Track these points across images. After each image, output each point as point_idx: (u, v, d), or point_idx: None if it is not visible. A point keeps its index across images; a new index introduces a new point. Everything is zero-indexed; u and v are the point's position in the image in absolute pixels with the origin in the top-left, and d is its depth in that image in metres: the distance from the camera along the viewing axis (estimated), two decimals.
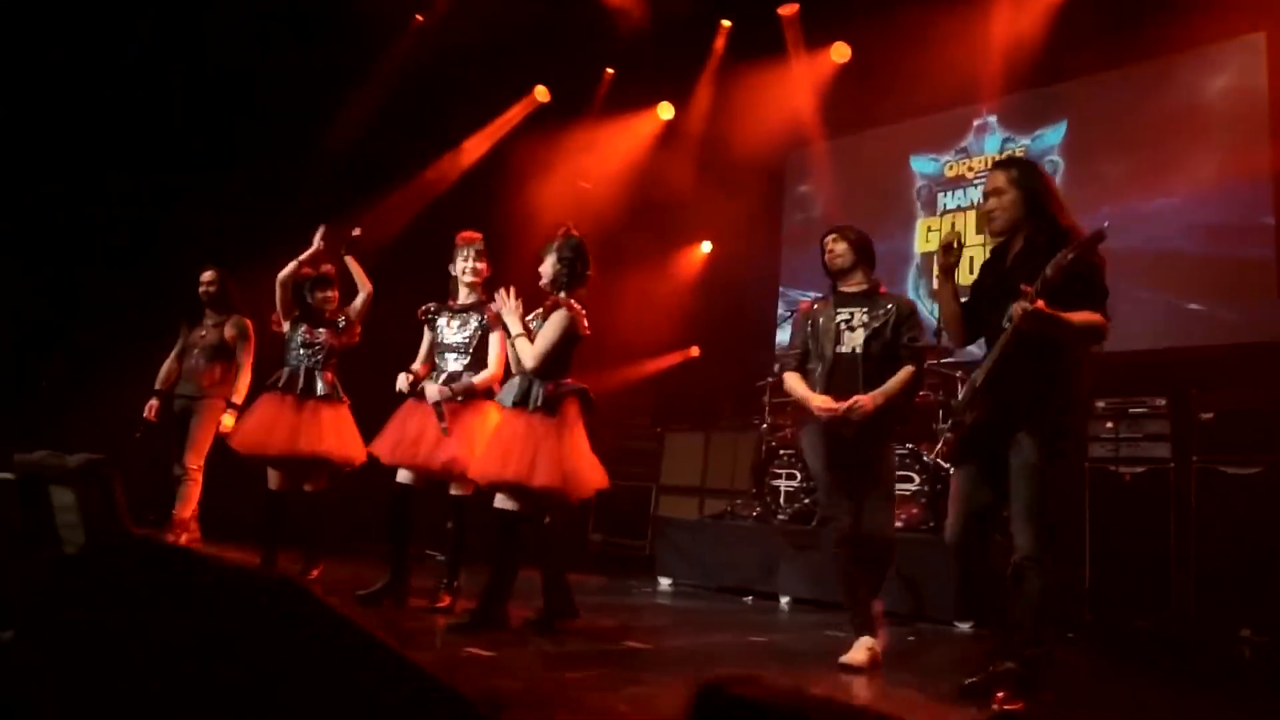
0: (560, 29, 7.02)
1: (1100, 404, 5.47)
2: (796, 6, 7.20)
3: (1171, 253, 6.14)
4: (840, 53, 7.44)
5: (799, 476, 5.93)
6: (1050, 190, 3.02)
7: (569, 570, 3.80)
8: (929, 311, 7.27)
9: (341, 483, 4.56)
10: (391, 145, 7.00)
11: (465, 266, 4.10)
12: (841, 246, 3.68)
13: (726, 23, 7.51)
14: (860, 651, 3.29)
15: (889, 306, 3.60)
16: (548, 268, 3.70)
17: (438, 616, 3.63)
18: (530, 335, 3.62)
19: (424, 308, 4.19)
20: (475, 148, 7.88)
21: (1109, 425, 5.43)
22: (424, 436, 3.86)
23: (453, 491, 3.91)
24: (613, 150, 7.96)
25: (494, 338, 3.99)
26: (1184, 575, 4.96)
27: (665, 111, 8.27)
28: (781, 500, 5.96)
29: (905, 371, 3.47)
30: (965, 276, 7.23)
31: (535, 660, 2.89)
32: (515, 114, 8.00)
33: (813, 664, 3.41)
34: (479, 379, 3.94)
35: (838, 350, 3.57)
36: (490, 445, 3.59)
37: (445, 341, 4.08)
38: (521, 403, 3.54)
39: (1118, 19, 6.17)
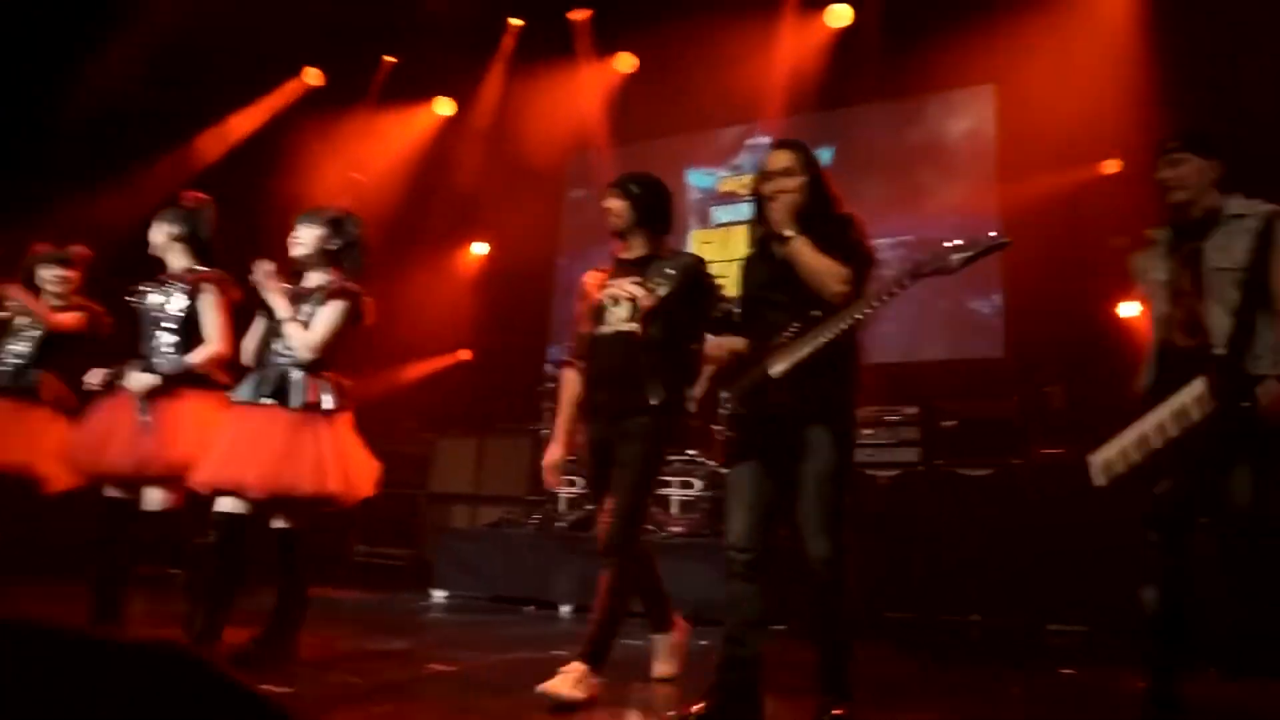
0: (338, 9, 6.60)
1: (858, 412, 5.86)
2: (589, 12, 7.21)
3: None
4: (625, 63, 7.54)
5: (580, 482, 5.92)
6: (828, 177, 2.81)
7: (333, 585, 3.47)
8: None
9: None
10: (147, 116, 6.26)
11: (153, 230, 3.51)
12: (618, 204, 3.13)
13: (516, 21, 7.39)
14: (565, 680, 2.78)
15: (669, 272, 3.04)
16: (313, 239, 3.25)
17: None
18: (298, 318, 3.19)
19: (132, 287, 3.57)
20: (241, 125, 7.23)
21: (867, 432, 5.84)
22: (114, 435, 3.24)
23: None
24: (389, 143, 7.60)
25: (207, 305, 3.38)
26: (928, 569, 5.44)
27: (443, 107, 8.00)
28: (562, 507, 5.94)
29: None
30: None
31: (341, 693, 2.64)
32: (285, 94, 7.42)
33: (620, 676, 3.38)
34: (196, 357, 3.34)
35: (598, 333, 3.07)
36: (287, 454, 3.05)
37: (151, 316, 3.44)
38: (314, 405, 3.13)
39: (883, 56, 6.68)
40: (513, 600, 5.42)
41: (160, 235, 3.51)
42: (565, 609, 5.29)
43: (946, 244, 2.45)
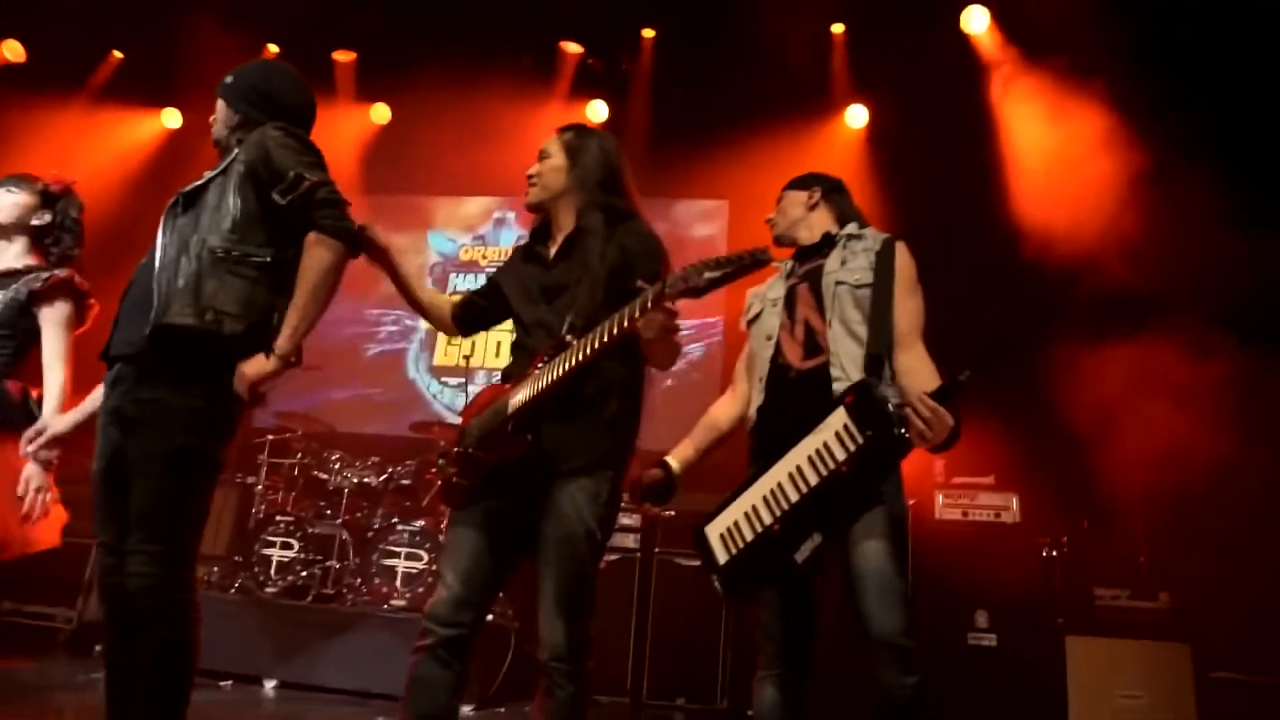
0: None
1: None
2: (353, 55, 6.96)
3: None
4: (380, 114, 7.34)
5: (295, 546, 5.49)
6: (619, 166, 2.54)
7: None
8: (427, 392, 7.37)
9: None
10: None
11: None
12: (217, 109, 2.51)
13: (274, 48, 6.94)
14: None
15: (239, 157, 2.31)
16: (13, 206, 2.77)
17: None
18: None
19: None
20: None
21: None
22: None
23: None
24: (106, 145, 6.74)
25: None
26: (641, 652, 5.62)
27: (172, 118, 7.27)
28: (272, 572, 5.45)
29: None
30: None
31: None
32: None
33: None
34: None
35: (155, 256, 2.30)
36: None
37: None
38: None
39: (642, 154, 7.07)
40: (208, 673, 4.85)
41: None
42: (270, 684, 4.82)
43: (696, 264, 2.07)
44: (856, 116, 6.90)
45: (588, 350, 2.14)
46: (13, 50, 6.66)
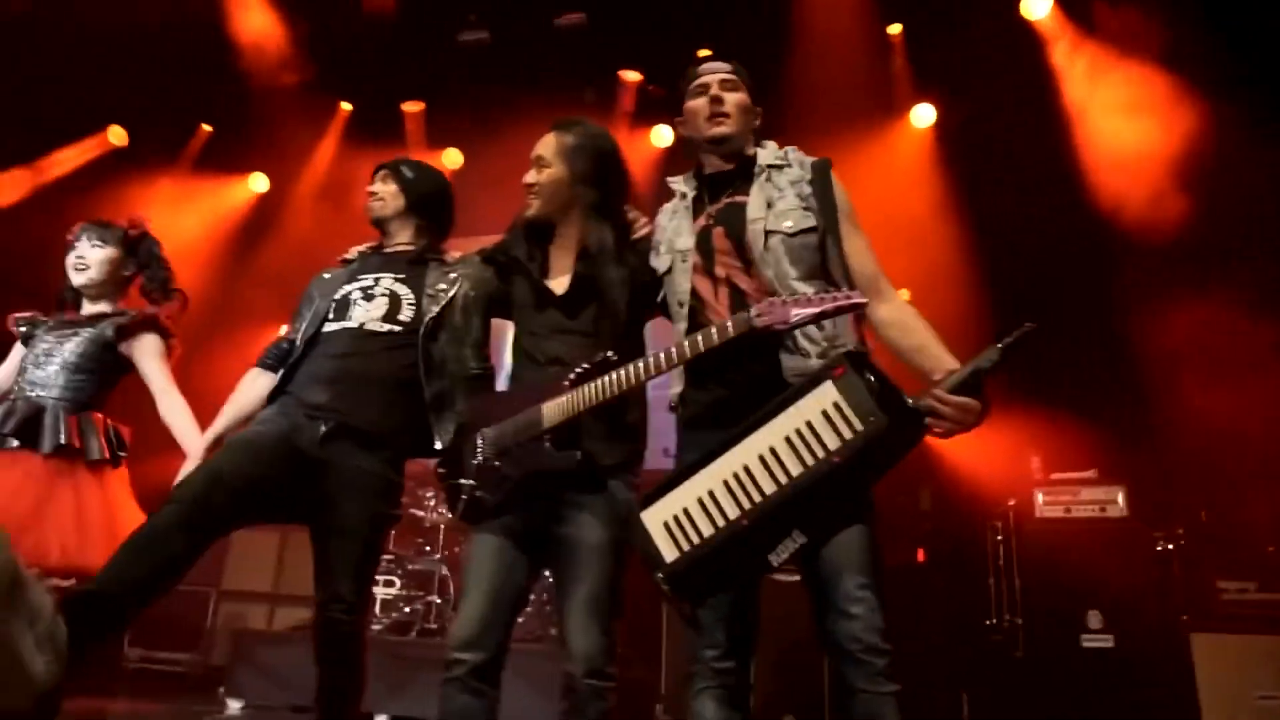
0: (155, 66, 6.22)
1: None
2: (422, 105, 7.19)
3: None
4: (453, 159, 7.55)
5: (397, 583, 5.64)
6: (617, 173, 2.48)
7: (99, 695, 2.95)
8: None
9: None
10: None
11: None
12: (386, 188, 2.79)
13: (347, 106, 7.25)
14: None
15: (453, 276, 2.68)
16: (103, 262, 2.92)
17: None
18: None
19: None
20: (17, 181, 6.53)
21: None
22: None
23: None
24: (196, 215, 7.13)
25: None
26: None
27: (258, 183, 7.65)
28: (377, 610, 5.61)
29: None
30: None
31: None
32: (82, 152, 6.83)
33: None
34: None
35: (328, 329, 2.59)
36: (33, 513, 2.54)
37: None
38: (74, 450, 2.71)
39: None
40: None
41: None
42: (381, 719, 4.96)
43: (787, 299, 1.88)
44: (922, 116, 6.76)
45: (647, 370, 2.02)
46: (117, 135, 7.13)
